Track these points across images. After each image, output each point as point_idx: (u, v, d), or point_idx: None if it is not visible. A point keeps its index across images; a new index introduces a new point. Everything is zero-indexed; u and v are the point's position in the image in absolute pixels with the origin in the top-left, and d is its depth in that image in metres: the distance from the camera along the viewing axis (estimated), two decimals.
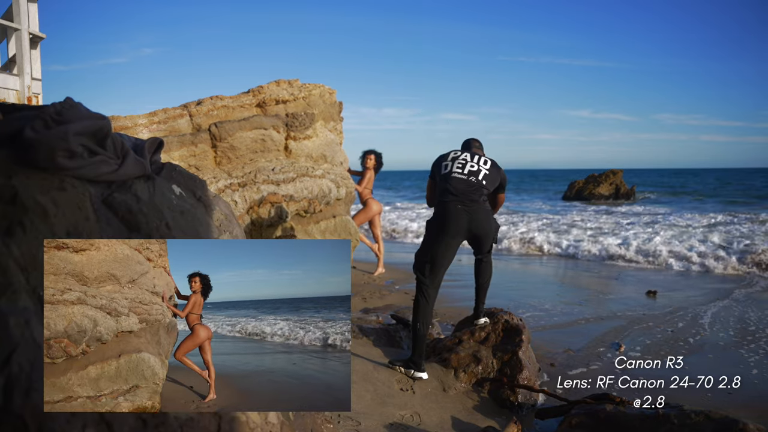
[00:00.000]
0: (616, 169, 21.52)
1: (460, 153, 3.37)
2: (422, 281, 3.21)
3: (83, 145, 1.14)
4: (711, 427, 2.18)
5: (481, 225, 3.20)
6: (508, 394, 3.12)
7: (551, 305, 5.40)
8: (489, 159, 3.36)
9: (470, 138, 3.69)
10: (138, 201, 1.26)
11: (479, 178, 3.23)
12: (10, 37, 4.86)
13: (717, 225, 10.81)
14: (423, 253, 3.26)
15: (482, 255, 3.44)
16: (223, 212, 1.62)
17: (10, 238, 0.94)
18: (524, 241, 9.32)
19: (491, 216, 3.31)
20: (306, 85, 5.45)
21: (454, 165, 3.28)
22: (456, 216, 3.14)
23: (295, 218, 4.95)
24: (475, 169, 3.25)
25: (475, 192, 3.19)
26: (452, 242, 3.18)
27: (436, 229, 3.21)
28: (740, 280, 6.72)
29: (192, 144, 4.48)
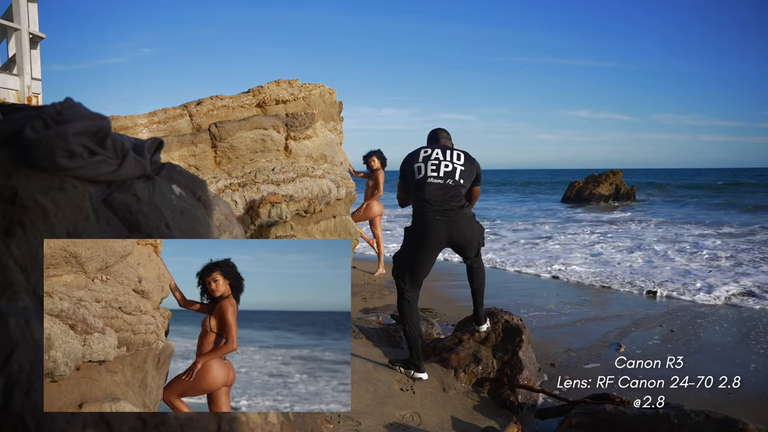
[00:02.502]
0: (616, 169, 21.50)
1: (430, 151, 3.16)
2: (402, 288, 3.17)
3: (83, 145, 1.14)
4: (711, 427, 2.18)
5: (462, 234, 3.07)
6: (508, 394, 3.12)
7: (551, 305, 5.40)
8: (461, 152, 3.19)
9: (436, 129, 3.44)
10: (138, 201, 1.26)
11: (456, 179, 3.07)
12: (10, 37, 4.86)
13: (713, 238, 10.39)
14: (402, 261, 3.17)
15: (471, 260, 3.29)
16: (223, 212, 1.62)
17: (10, 238, 0.94)
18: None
19: (473, 222, 3.15)
20: (306, 85, 5.45)
21: (427, 168, 3.08)
22: (435, 227, 3.00)
23: (295, 218, 4.95)
24: (450, 168, 3.08)
25: (454, 197, 3.04)
26: (433, 252, 3.09)
27: (415, 239, 3.08)
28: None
29: (192, 144, 4.48)
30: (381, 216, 6.68)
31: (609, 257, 8.27)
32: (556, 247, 9.51)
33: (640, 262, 7.71)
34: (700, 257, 8.03)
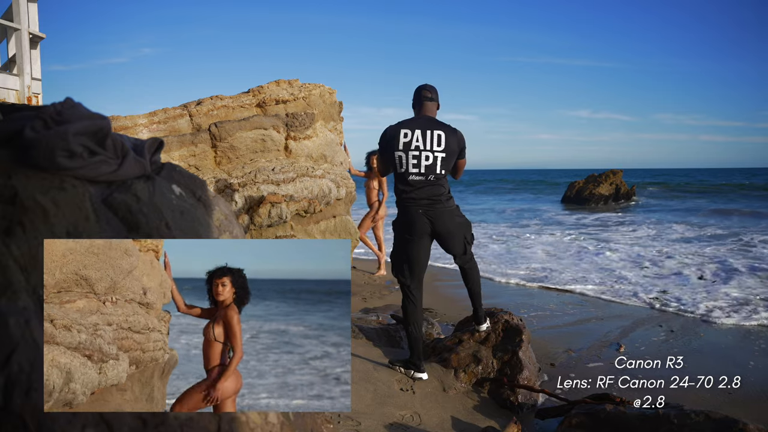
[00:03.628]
0: (616, 169, 21.48)
1: (410, 135, 3.05)
2: (404, 283, 3.20)
3: (83, 145, 1.14)
4: (711, 427, 2.18)
5: (444, 225, 3.12)
6: (508, 394, 3.12)
7: (552, 305, 5.39)
8: (443, 131, 3.08)
9: (421, 88, 3.22)
10: (138, 201, 1.26)
11: (437, 172, 3.05)
12: (10, 37, 4.86)
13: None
14: (397, 254, 3.22)
15: (461, 260, 3.31)
16: (223, 212, 1.62)
17: (10, 238, 0.94)
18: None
19: (455, 214, 3.19)
20: (306, 85, 5.45)
21: (408, 161, 3.04)
22: (418, 219, 3.09)
23: (295, 218, 4.95)
24: (431, 161, 3.04)
25: (436, 192, 3.08)
26: (421, 241, 3.15)
27: (402, 229, 3.18)
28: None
29: (192, 144, 4.48)
30: (383, 218, 6.72)
31: (607, 264, 7.86)
32: (552, 256, 8.73)
33: (643, 272, 7.42)
34: (699, 260, 7.99)
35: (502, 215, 17.30)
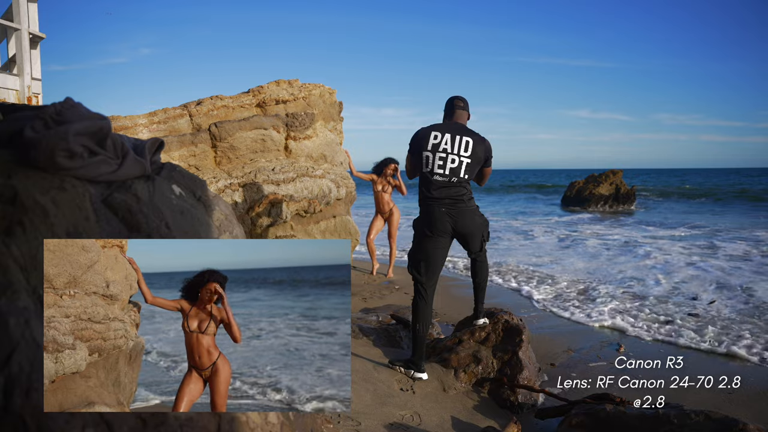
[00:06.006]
0: (616, 169, 21.46)
1: (440, 137, 3.16)
2: (419, 280, 3.21)
3: (83, 145, 1.14)
4: (711, 427, 2.18)
5: (466, 225, 3.20)
6: (508, 394, 3.12)
7: (551, 305, 5.39)
8: (471, 138, 3.18)
9: (454, 98, 3.35)
10: (138, 201, 1.26)
11: (461, 175, 3.15)
12: (10, 37, 4.86)
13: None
14: (416, 251, 3.26)
15: (475, 254, 3.40)
16: (223, 212, 1.62)
17: (10, 238, 0.94)
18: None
19: (476, 214, 3.27)
20: (306, 85, 5.45)
21: (435, 161, 3.14)
22: (440, 218, 3.15)
23: (295, 218, 4.95)
24: (456, 164, 3.14)
25: (458, 193, 3.16)
26: (441, 240, 3.19)
27: (423, 228, 3.23)
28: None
29: (192, 144, 4.48)
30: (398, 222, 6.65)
31: (608, 264, 7.96)
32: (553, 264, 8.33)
33: (643, 272, 7.48)
34: (697, 266, 7.97)
35: (502, 215, 17.29)
